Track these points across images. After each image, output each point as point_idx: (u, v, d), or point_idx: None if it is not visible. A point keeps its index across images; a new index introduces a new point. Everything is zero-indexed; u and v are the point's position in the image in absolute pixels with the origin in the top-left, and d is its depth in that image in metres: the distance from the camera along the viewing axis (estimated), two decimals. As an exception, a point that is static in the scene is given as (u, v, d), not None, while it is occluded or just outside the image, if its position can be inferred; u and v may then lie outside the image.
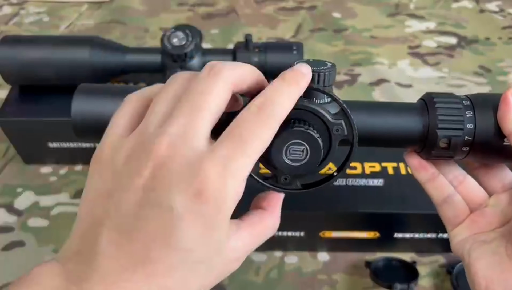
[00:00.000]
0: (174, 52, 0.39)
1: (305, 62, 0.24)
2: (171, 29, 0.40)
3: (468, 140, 0.24)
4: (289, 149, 0.22)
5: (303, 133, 0.22)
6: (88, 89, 0.26)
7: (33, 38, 0.42)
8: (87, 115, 0.25)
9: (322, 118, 0.22)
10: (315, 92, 0.23)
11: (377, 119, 0.25)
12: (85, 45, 0.41)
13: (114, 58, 0.42)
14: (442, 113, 0.24)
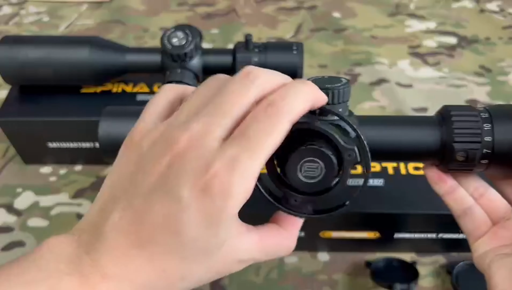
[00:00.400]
0: (174, 52, 0.39)
1: (320, 79, 0.24)
2: (171, 29, 0.40)
3: (487, 152, 0.24)
4: (303, 166, 0.22)
5: (318, 151, 0.22)
6: (114, 112, 0.27)
7: (33, 38, 0.42)
8: (113, 136, 0.26)
9: (335, 142, 0.22)
10: (331, 108, 0.23)
11: (394, 133, 0.25)
12: (85, 45, 0.41)
13: (114, 58, 0.42)
14: (458, 126, 0.24)
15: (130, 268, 0.18)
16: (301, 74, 0.42)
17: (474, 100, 0.54)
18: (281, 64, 0.41)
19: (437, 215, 0.34)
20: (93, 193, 0.45)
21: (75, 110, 0.43)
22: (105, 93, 0.45)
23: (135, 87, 0.45)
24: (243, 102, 0.19)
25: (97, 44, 0.41)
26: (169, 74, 0.40)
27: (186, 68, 0.41)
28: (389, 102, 0.54)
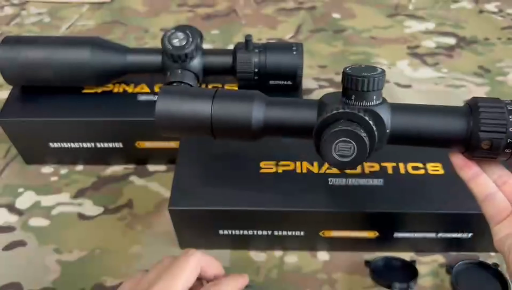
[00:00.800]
0: (175, 53, 0.40)
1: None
2: (171, 29, 0.41)
3: (511, 142, 0.25)
4: (338, 145, 0.25)
5: (351, 132, 0.24)
6: (170, 91, 0.30)
7: (34, 38, 0.42)
8: (169, 114, 0.29)
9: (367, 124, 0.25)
10: (366, 94, 0.25)
11: (424, 120, 0.27)
12: (86, 46, 0.41)
13: (115, 59, 0.42)
14: (485, 117, 0.26)
15: None
16: (301, 74, 0.42)
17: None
18: (281, 64, 0.42)
19: (437, 214, 0.35)
20: (94, 193, 0.45)
21: (76, 110, 0.43)
22: (106, 93, 0.45)
23: (136, 87, 0.46)
24: (188, 272, 0.28)
25: (98, 45, 0.41)
26: (170, 74, 0.41)
27: (186, 68, 0.41)
28: (389, 102, 0.54)
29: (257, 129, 0.29)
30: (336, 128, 0.25)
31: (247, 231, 0.37)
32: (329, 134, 0.25)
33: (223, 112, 0.28)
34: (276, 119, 0.28)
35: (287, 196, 0.35)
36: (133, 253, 0.40)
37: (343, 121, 0.25)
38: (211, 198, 0.35)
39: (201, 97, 0.29)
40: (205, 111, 0.28)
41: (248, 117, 0.28)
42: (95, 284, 0.38)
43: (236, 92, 0.30)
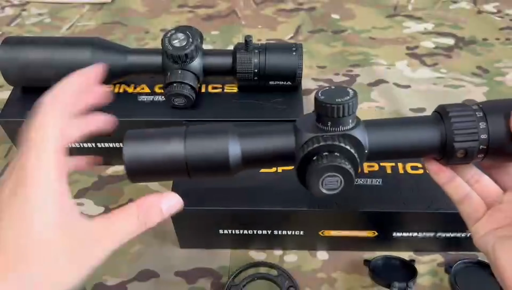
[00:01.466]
0: (175, 53, 0.40)
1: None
2: (171, 30, 0.41)
3: (483, 148, 0.26)
4: (324, 180, 0.25)
5: (337, 167, 0.24)
6: (137, 135, 0.27)
7: (35, 39, 0.43)
8: (140, 159, 0.26)
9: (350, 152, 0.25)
10: (342, 119, 0.25)
11: (399, 135, 0.27)
12: (86, 47, 0.41)
13: (116, 60, 0.42)
14: (458, 127, 0.26)
15: None
16: (300, 74, 0.42)
17: (471, 100, 0.54)
18: (280, 65, 0.42)
19: (435, 214, 0.35)
20: (95, 193, 0.45)
21: None
22: (106, 94, 0.45)
23: (136, 88, 0.46)
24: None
25: (99, 46, 0.42)
26: (170, 75, 0.41)
27: (186, 69, 0.41)
28: (387, 102, 0.54)
29: (235, 165, 0.27)
30: (320, 165, 0.24)
31: (247, 230, 0.38)
32: (314, 172, 0.24)
33: (198, 151, 0.27)
34: (253, 152, 0.27)
35: (287, 196, 0.35)
36: (134, 252, 0.40)
37: (325, 155, 0.25)
38: (211, 198, 0.35)
39: (171, 138, 0.27)
40: (178, 152, 0.26)
41: (225, 153, 0.26)
42: (96, 284, 0.38)
43: (208, 128, 0.28)
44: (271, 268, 0.38)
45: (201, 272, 0.39)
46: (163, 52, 0.41)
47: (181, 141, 0.27)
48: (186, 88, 0.40)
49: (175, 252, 0.40)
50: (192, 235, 0.39)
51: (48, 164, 0.22)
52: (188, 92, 0.40)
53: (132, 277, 0.38)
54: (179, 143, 0.27)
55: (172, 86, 0.40)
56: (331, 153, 0.25)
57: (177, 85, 0.40)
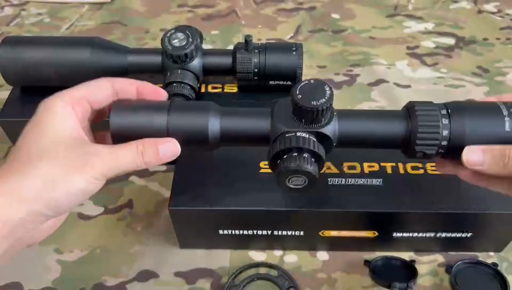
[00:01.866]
0: (175, 53, 0.40)
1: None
2: (171, 30, 0.41)
3: (444, 144, 0.28)
4: (291, 179, 0.28)
5: (301, 171, 0.27)
6: (124, 105, 0.29)
7: (34, 39, 0.43)
8: (125, 129, 0.29)
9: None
10: (315, 119, 0.28)
11: (366, 127, 0.29)
12: (86, 46, 0.41)
13: (115, 59, 0.42)
14: (421, 120, 0.28)
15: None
16: (300, 74, 0.42)
17: (472, 100, 0.54)
18: (280, 65, 0.42)
19: (436, 214, 0.35)
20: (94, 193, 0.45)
21: None
22: (106, 93, 0.45)
23: (136, 87, 0.46)
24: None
25: (98, 45, 0.42)
26: (170, 75, 0.41)
27: (186, 69, 0.41)
28: (388, 102, 0.54)
29: (213, 139, 0.29)
30: (288, 167, 0.27)
31: (247, 231, 0.37)
32: (283, 172, 0.27)
33: (180, 124, 0.29)
34: (231, 130, 0.29)
35: (287, 196, 0.35)
36: (134, 252, 0.40)
37: (294, 156, 0.27)
38: (211, 198, 0.35)
39: (156, 110, 0.29)
40: (161, 123, 0.28)
41: (204, 127, 0.29)
42: (95, 284, 0.38)
43: (191, 104, 0.30)
44: (271, 268, 0.38)
45: (201, 273, 0.38)
46: (163, 52, 0.41)
47: (164, 114, 0.29)
48: (185, 88, 0.40)
49: (175, 252, 0.40)
50: (192, 235, 0.39)
51: (62, 105, 0.27)
52: (188, 92, 0.40)
53: (132, 277, 0.38)
54: (163, 116, 0.29)
55: (172, 86, 0.40)
56: (300, 155, 0.27)
57: (177, 85, 0.40)
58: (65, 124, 0.26)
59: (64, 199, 0.25)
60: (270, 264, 0.38)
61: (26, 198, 0.24)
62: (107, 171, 0.26)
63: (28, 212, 0.24)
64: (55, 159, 0.25)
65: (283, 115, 0.28)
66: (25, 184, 0.24)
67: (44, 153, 0.25)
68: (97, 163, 0.26)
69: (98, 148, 0.26)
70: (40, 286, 0.38)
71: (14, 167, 0.25)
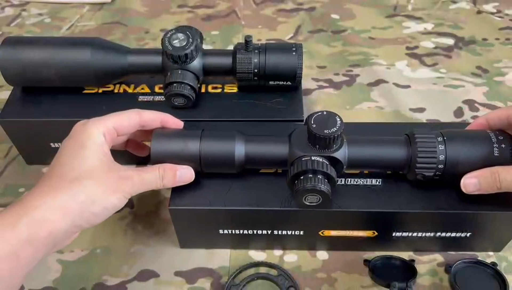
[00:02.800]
0: (175, 53, 0.40)
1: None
2: (171, 30, 0.41)
3: (441, 167, 0.33)
4: (307, 197, 0.32)
5: (316, 190, 0.31)
6: (163, 134, 0.35)
7: (35, 39, 0.43)
8: (164, 154, 0.34)
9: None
10: (328, 145, 0.32)
11: (372, 153, 0.34)
12: (86, 47, 0.41)
13: (116, 60, 0.42)
14: (421, 146, 0.33)
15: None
16: (300, 74, 0.43)
17: (471, 100, 0.54)
18: (280, 65, 0.42)
19: (435, 214, 0.35)
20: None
21: (77, 110, 0.43)
22: (106, 94, 0.45)
23: (136, 88, 0.46)
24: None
25: (99, 46, 0.42)
26: (170, 75, 0.41)
27: (186, 69, 0.41)
28: (387, 102, 0.54)
29: (239, 163, 0.34)
30: (304, 187, 0.31)
31: (247, 230, 0.38)
32: (300, 191, 0.31)
33: (210, 150, 0.34)
34: (254, 155, 0.34)
35: (287, 196, 0.35)
36: (134, 252, 0.40)
37: (310, 177, 0.31)
38: (211, 198, 0.35)
39: (190, 138, 0.34)
40: (194, 150, 0.34)
41: (231, 153, 0.34)
42: (96, 284, 0.38)
43: (219, 133, 0.35)
44: (271, 268, 0.38)
45: (201, 272, 0.39)
46: (163, 52, 0.41)
47: (197, 141, 0.34)
48: (186, 88, 0.40)
49: (175, 252, 0.40)
50: (192, 235, 0.39)
51: (98, 133, 0.32)
52: (188, 92, 0.40)
53: (132, 277, 0.38)
54: (196, 143, 0.34)
55: (172, 86, 0.40)
56: (315, 176, 0.31)
57: (177, 85, 0.40)
58: (102, 150, 0.31)
59: (100, 213, 0.30)
60: (270, 264, 0.38)
61: (72, 213, 0.28)
62: (135, 192, 0.32)
63: (71, 225, 0.28)
64: (97, 181, 0.30)
65: (300, 142, 0.33)
66: (73, 201, 0.28)
67: (88, 174, 0.30)
68: (128, 186, 0.31)
69: (128, 173, 0.31)
70: (40, 285, 0.38)
71: (62, 184, 0.29)
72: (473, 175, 0.32)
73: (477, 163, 0.32)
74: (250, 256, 0.40)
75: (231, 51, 0.43)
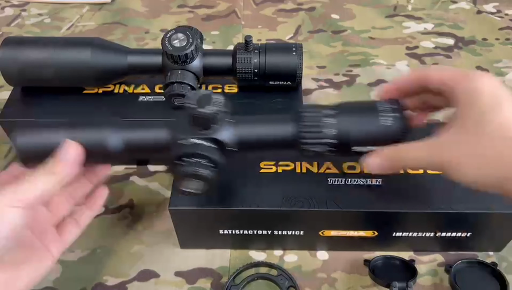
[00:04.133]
0: (175, 53, 0.40)
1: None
2: (171, 30, 0.41)
3: (332, 143, 0.31)
4: (187, 184, 0.31)
5: (196, 175, 0.29)
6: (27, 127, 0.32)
7: (35, 39, 0.43)
8: (31, 148, 0.31)
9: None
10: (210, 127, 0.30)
11: (258, 131, 0.32)
12: (86, 47, 0.41)
13: (116, 60, 0.42)
14: (305, 121, 0.31)
15: None
16: (300, 74, 0.43)
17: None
18: (280, 65, 0.42)
19: (435, 214, 0.35)
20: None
21: (76, 110, 0.43)
22: (106, 94, 0.45)
23: (136, 88, 0.46)
24: None
25: (99, 46, 0.42)
26: (170, 75, 0.41)
27: (186, 69, 0.41)
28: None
29: (115, 152, 0.32)
30: (180, 170, 0.29)
31: (247, 230, 0.38)
32: (178, 177, 0.30)
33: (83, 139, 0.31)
34: (135, 140, 0.32)
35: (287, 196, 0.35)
36: (134, 252, 0.40)
37: (187, 161, 0.29)
38: (211, 198, 0.35)
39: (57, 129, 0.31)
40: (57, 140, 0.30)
41: (104, 141, 0.31)
42: (96, 284, 0.38)
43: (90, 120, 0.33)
44: (271, 268, 0.38)
45: (201, 272, 0.39)
46: (163, 52, 0.41)
47: (67, 131, 0.31)
48: (186, 88, 0.40)
49: (175, 252, 0.40)
50: (192, 235, 0.39)
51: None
52: (188, 92, 0.40)
53: (132, 277, 0.38)
54: (66, 133, 0.31)
55: (172, 86, 0.40)
56: (196, 158, 0.29)
57: (177, 85, 0.40)
58: None
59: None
60: (270, 264, 0.38)
61: None
62: (32, 197, 0.28)
63: None
64: None
65: (181, 125, 0.31)
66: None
67: None
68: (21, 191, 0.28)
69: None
70: (40, 286, 0.38)
71: None
72: (377, 155, 0.30)
73: (370, 134, 0.31)
74: (250, 256, 0.40)
75: (231, 51, 0.43)
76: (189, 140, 0.30)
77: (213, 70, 0.43)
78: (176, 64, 0.41)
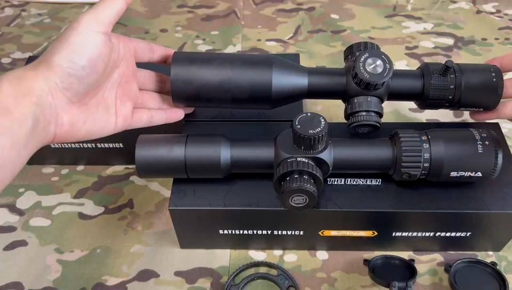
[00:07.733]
0: (372, 81, 0.32)
1: None
2: (365, 53, 0.33)
3: (426, 166, 0.33)
4: (293, 198, 0.32)
5: (303, 190, 0.31)
6: (147, 139, 0.35)
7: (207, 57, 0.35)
8: (148, 161, 0.34)
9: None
10: (313, 146, 0.32)
11: (357, 154, 0.34)
12: (268, 67, 0.34)
13: (296, 80, 0.35)
14: (405, 146, 0.33)
15: None
16: (501, 94, 0.36)
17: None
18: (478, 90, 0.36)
19: (435, 214, 0.35)
20: (95, 193, 0.45)
21: None
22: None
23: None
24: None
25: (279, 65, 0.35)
26: (357, 102, 0.34)
27: (373, 94, 0.34)
28: (387, 102, 0.54)
29: (225, 167, 0.34)
30: (290, 187, 0.31)
31: (247, 230, 0.38)
32: (286, 191, 0.32)
33: (196, 156, 0.34)
34: (240, 159, 0.34)
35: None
36: (134, 252, 0.40)
37: (296, 177, 0.31)
38: (211, 198, 0.35)
39: (175, 144, 0.34)
40: (179, 156, 0.34)
41: (217, 158, 0.34)
42: (96, 284, 0.38)
43: (204, 137, 0.35)
44: (271, 268, 0.38)
45: (201, 272, 0.39)
46: (349, 75, 0.34)
47: (182, 147, 0.34)
48: (373, 117, 0.34)
49: (175, 252, 0.40)
50: (192, 235, 0.39)
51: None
52: (375, 120, 0.34)
53: (132, 277, 0.38)
54: (181, 149, 0.34)
55: (359, 115, 0.34)
56: (301, 176, 0.32)
57: (366, 114, 0.34)
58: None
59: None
60: (270, 264, 0.38)
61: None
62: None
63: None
64: None
65: (285, 143, 0.33)
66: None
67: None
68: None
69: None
70: (40, 286, 0.38)
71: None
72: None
73: (462, 160, 0.33)
74: (250, 256, 0.40)
75: (419, 73, 0.36)
76: (297, 159, 0.32)
77: (399, 95, 0.36)
78: (365, 90, 0.34)
